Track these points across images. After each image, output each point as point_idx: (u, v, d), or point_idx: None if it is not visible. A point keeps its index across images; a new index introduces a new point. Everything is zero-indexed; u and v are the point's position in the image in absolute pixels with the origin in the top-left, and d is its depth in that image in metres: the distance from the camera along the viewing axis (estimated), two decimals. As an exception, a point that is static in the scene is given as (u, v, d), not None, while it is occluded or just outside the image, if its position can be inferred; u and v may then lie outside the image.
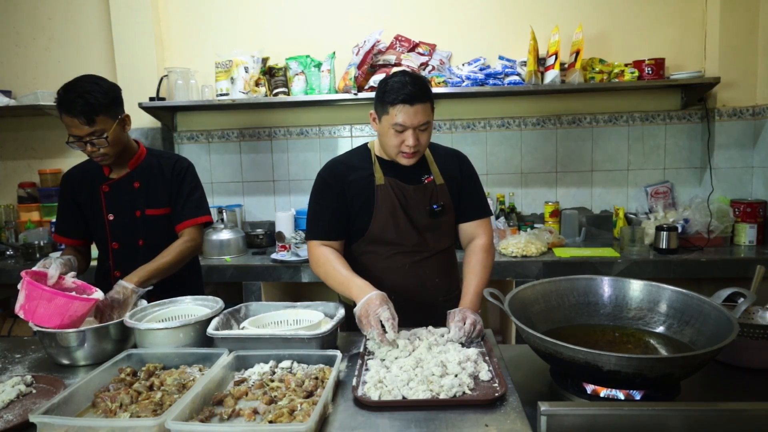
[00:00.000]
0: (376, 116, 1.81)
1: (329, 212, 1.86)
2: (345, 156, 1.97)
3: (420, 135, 1.74)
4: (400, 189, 1.85)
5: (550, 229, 3.24)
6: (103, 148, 1.90)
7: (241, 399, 1.29)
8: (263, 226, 3.65)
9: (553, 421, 1.07)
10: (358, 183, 1.86)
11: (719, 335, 1.27)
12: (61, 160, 3.72)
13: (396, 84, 1.71)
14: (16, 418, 1.27)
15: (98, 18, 3.58)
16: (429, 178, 1.88)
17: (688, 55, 3.32)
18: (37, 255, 3.23)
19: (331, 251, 1.83)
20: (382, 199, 1.84)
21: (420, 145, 1.76)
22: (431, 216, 1.87)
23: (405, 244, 1.88)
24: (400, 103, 1.69)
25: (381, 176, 1.86)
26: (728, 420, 1.09)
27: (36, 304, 1.56)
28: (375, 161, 1.89)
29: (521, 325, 1.32)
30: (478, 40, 3.41)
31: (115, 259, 2.08)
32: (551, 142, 3.51)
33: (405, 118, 1.70)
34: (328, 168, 1.92)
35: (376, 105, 1.78)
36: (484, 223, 1.98)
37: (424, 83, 1.76)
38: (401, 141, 1.74)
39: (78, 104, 1.81)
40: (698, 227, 3.08)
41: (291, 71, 3.33)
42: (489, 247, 1.94)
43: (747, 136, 3.25)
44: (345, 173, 1.87)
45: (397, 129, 1.72)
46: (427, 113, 1.74)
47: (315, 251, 1.85)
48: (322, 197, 1.89)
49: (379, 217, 1.84)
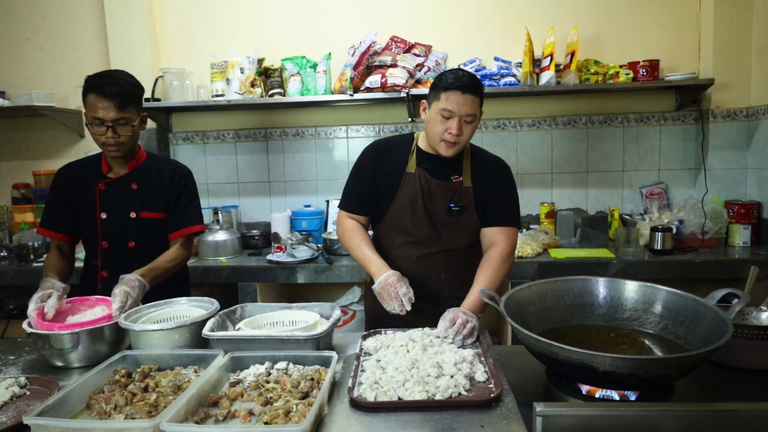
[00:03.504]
0: (426, 104, 1.88)
1: (361, 188, 1.99)
2: (390, 139, 2.06)
3: (464, 126, 1.79)
4: (427, 181, 1.92)
5: (546, 230, 3.25)
6: (123, 137, 1.93)
7: (236, 400, 1.28)
8: (259, 227, 3.64)
9: (548, 421, 1.07)
10: (391, 167, 1.95)
11: (714, 336, 1.27)
12: (56, 161, 3.70)
13: (453, 74, 1.80)
14: (10, 420, 1.26)
15: (93, 18, 3.57)
16: (458, 178, 1.93)
17: (683, 56, 3.34)
18: (31, 256, 3.21)
19: (357, 226, 1.99)
20: (407, 186, 1.92)
21: (462, 136, 1.80)
22: (448, 214, 1.92)
23: (416, 235, 1.94)
24: (453, 89, 1.75)
25: (413, 165, 1.93)
26: (723, 420, 1.09)
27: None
28: (414, 150, 1.96)
29: (517, 325, 1.32)
30: (473, 41, 3.42)
31: (103, 258, 2.07)
32: (546, 143, 3.52)
33: (454, 105, 1.76)
34: (371, 147, 2.03)
35: (430, 92, 1.86)
36: (508, 231, 1.95)
37: (479, 80, 1.83)
38: (445, 128, 1.79)
39: (114, 88, 1.88)
40: (693, 228, 3.09)
41: (287, 72, 3.33)
42: (506, 255, 1.91)
43: (741, 138, 3.27)
44: (383, 155, 1.97)
45: (444, 114, 1.78)
46: (476, 107, 1.80)
47: (343, 222, 2.02)
48: (359, 172, 2.01)
49: (399, 204, 1.93)
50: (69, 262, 2.12)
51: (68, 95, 3.57)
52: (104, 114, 1.88)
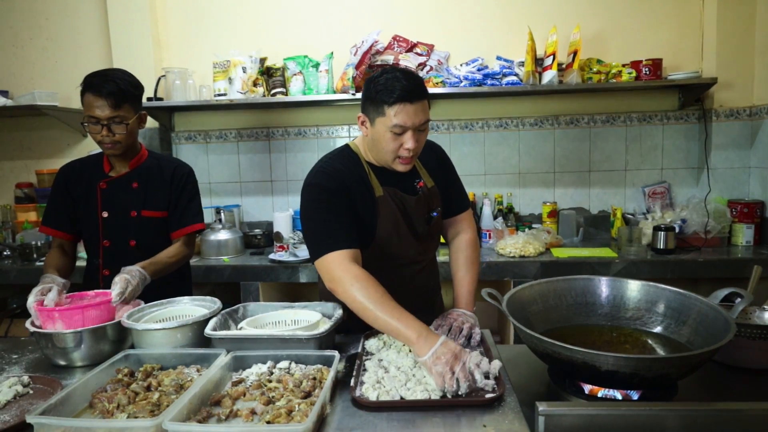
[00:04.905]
0: (366, 119, 1.62)
1: (339, 219, 1.59)
2: (333, 162, 1.70)
3: (419, 136, 1.59)
4: (401, 200, 1.71)
5: (548, 230, 3.25)
6: (119, 135, 1.94)
7: (238, 399, 1.28)
8: (261, 226, 3.65)
9: (550, 421, 1.07)
10: (358, 194, 1.66)
11: (716, 335, 1.27)
12: (58, 161, 3.71)
13: (389, 81, 1.52)
14: (13, 418, 1.26)
15: (95, 18, 3.57)
16: (420, 182, 1.76)
17: (686, 55, 3.33)
18: (34, 255, 3.22)
19: (363, 275, 1.47)
20: (384, 213, 1.68)
21: (418, 147, 1.61)
22: (428, 223, 1.79)
23: (406, 256, 1.77)
24: (399, 102, 1.51)
25: (378, 186, 1.69)
26: (725, 420, 1.09)
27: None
28: (368, 170, 1.70)
29: (519, 325, 1.32)
30: (476, 40, 3.41)
31: (104, 257, 2.08)
32: (549, 142, 3.51)
33: (405, 118, 1.52)
34: (322, 174, 1.66)
35: (366, 107, 1.60)
36: (468, 216, 1.90)
37: (419, 79, 1.59)
38: (399, 144, 1.57)
39: (109, 86, 1.89)
40: (695, 227, 3.09)
41: (289, 71, 3.33)
42: (475, 242, 1.87)
43: (744, 137, 3.26)
44: (343, 179, 1.64)
45: (395, 131, 1.54)
46: (426, 111, 1.58)
47: (341, 270, 1.49)
48: (325, 205, 1.60)
49: (382, 231, 1.69)
50: (70, 260, 2.12)
51: (71, 95, 3.57)
52: (99, 112, 1.89)
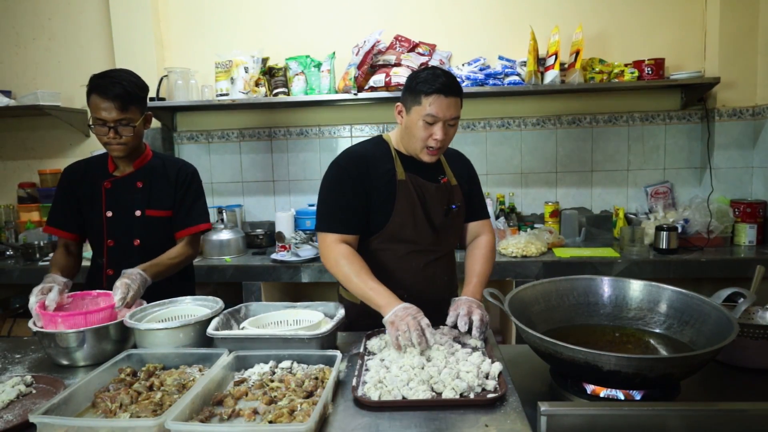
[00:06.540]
0: (403, 108, 1.77)
1: (347, 203, 1.77)
2: (363, 146, 1.88)
3: (448, 130, 1.73)
4: (421, 187, 1.82)
5: (550, 229, 3.24)
6: (126, 137, 1.94)
7: (241, 399, 1.28)
8: (263, 226, 3.65)
9: (553, 421, 1.07)
10: (379, 176, 1.79)
11: (719, 335, 1.27)
12: (61, 160, 3.72)
13: (430, 76, 1.69)
14: (16, 418, 1.27)
15: (98, 18, 3.58)
16: (444, 179, 1.88)
17: (688, 55, 3.33)
18: (37, 255, 3.23)
19: (353, 253, 1.73)
20: (403, 195, 1.79)
21: (446, 140, 1.74)
22: (446, 216, 1.87)
23: (421, 243, 1.85)
24: (435, 93, 1.66)
25: (402, 171, 1.81)
26: (728, 420, 1.09)
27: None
28: (395, 156, 1.83)
29: (521, 325, 1.32)
30: (477, 40, 3.41)
31: (108, 256, 2.08)
32: (551, 142, 3.51)
33: (438, 109, 1.67)
34: (347, 156, 1.83)
35: (406, 96, 1.75)
36: (488, 223, 2.04)
37: (456, 79, 1.75)
38: (429, 134, 1.71)
39: (116, 89, 1.88)
40: (698, 227, 3.08)
41: (291, 71, 3.33)
42: (492, 244, 1.99)
43: (747, 137, 3.25)
44: (366, 164, 1.79)
45: (427, 120, 1.69)
46: (459, 109, 1.73)
47: (335, 248, 1.74)
48: (339, 186, 1.78)
49: (399, 214, 1.80)
50: (75, 260, 2.13)
51: (74, 95, 3.58)
52: (106, 115, 1.89)
